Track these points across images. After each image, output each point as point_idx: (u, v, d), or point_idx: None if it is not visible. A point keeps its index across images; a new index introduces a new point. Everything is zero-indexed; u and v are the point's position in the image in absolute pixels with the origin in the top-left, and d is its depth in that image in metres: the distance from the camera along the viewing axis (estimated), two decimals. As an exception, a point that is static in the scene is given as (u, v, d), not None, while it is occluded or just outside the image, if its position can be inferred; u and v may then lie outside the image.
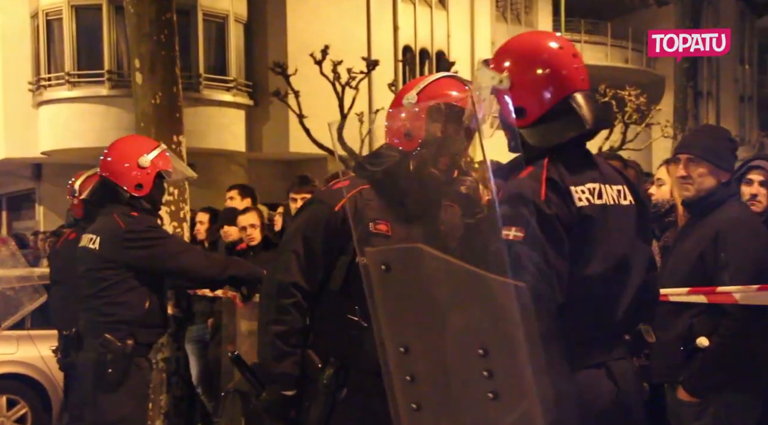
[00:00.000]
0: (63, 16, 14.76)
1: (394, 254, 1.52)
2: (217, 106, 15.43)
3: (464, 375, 1.42)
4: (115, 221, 3.45)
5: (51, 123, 14.95)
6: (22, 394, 6.06)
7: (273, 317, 2.31)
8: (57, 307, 4.83)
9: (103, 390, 3.36)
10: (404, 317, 1.48)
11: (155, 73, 6.55)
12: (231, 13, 15.61)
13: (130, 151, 3.56)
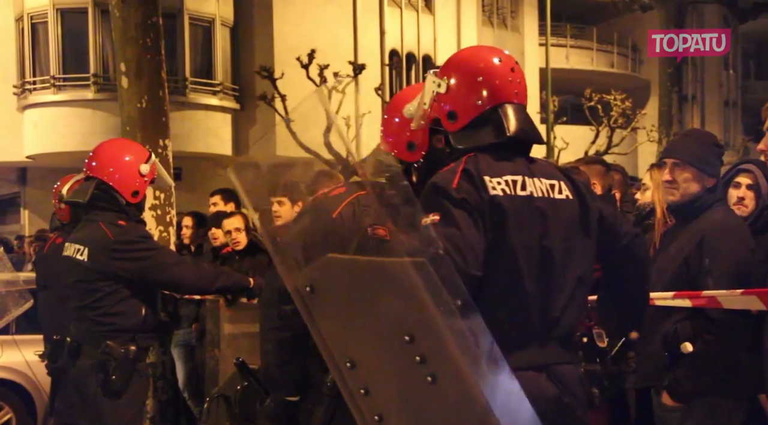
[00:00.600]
0: (48, 19, 14.69)
1: (313, 272, 1.52)
2: (204, 110, 15.40)
3: (403, 367, 1.42)
4: (102, 231, 3.40)
5: (36, 127, 14.87)
6: (7, 399, 6.01)
7: (275, 324, 2.32)
8: (45, 312, 4.80)
9: (107, 396, 3.34)
10: (341, 333, 1.48)
11: (141, 77, 6.55)
12: (217, 17, 15.60)
13: (130, 158, 3.53)
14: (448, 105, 2.04)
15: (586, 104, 18.48)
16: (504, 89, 2.05)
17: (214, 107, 15.65)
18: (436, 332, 1.38)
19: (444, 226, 1.85)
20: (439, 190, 1.93)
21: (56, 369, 4.32)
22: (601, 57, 23.98)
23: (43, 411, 5.91)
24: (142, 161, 3.54)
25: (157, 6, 6.61)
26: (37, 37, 14.92)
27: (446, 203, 1.90)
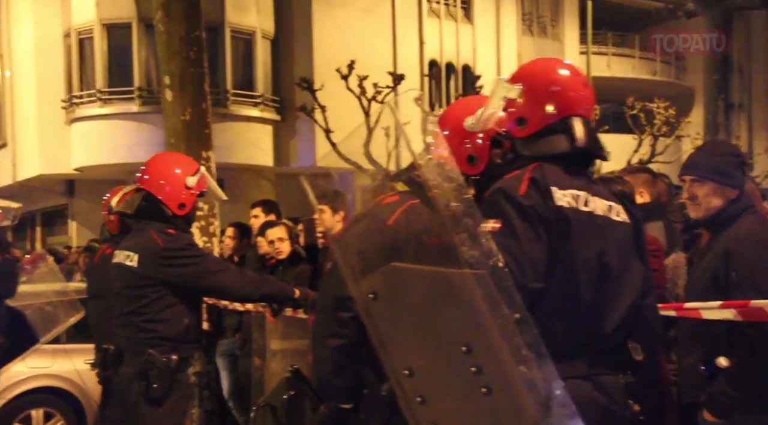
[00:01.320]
0: (94, 35, 15.04)
1: (377, 280, 1.52)
2: (245, 121, 15.58)
3: (459, 377, 1.42)
4: (152, 239, 3.47)
5: (83, 140, 15.20)
6: (58, 407, 6.13)
7: (331, 331, 2.30)
8: (95, 322, 4.90)
9: (148, 404, 3.39)
10: (400, 340, 1.48)
11: (185, 89, 6.66)
12: (258, 30, 15.79)
13: (179, 171, 3.60)
14: (519, 111, 2.07)
15: (628, 113, 18.24)
16: (576, 102, 2.08)
17: (255, 118, 15.83)
18: (493, 344, 1.38)
19: (504, 236, 1.86)
20: (505, 195, 1.93)
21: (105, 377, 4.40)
22: (643, 65, 23.67)
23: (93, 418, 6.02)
24: (189, 174, 3.61)
25: (200, 20, 6.72)
26: (84, 52, 15.28)
27: (510, 209, 1.90)
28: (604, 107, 20.31)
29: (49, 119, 15.68)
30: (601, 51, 22.43)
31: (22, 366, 5.95)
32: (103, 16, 14.94)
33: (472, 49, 18.83)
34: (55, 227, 18.75)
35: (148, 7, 13.49)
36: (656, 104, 17.97)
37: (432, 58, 18.23)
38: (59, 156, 15.45)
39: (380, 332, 1.48)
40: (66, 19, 15.48)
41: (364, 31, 16.46)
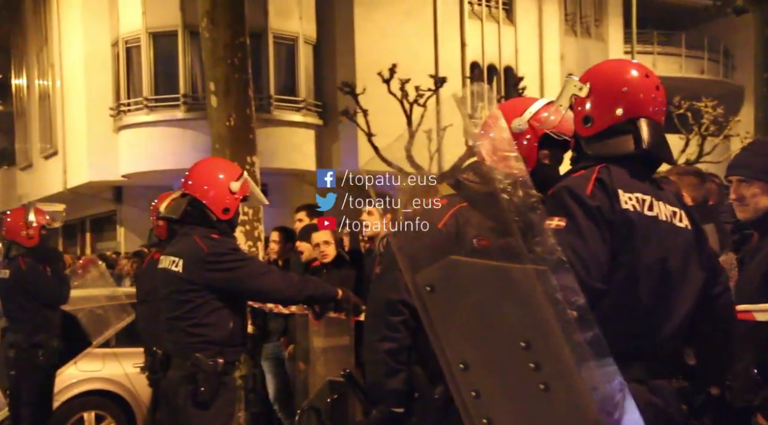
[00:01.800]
0: (141, 43, 15.33)
1: (434, 273, 1.52)
2: (288, 126, 15.70)
3: (517, 373, 1.41)
4: (196, 244, 3.51)
5: (130, 147, 15.49)
6: (109, 410, 6.24)
7: (383, 335, 2.31)
8: (145, 325, 4.98)
9: (196, 408, 3.43)
10: (456, 334, 1.48)
11: (229, 95, 6.74)
12: (300, 35, 15.91)
13: (222, 176, 3.64)
14: (586, 109, 2.08)
15: (674, 112, 17.89)
16: (646, 104, 2.08)
17: (298, 123, 15.93)
18: (553, 341, 1.37)
19: (569, 234, 1.86)
20: (571, 194, 1.94)
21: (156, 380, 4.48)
22: (690, 63, 23.21)
23: (142, 421, 6.12)
24: (233, 179, 3.65)
25: (244, 26, 6.80)
26: (131, 60, 15.58)
27: (576, 208, 1.91)
28: (650, 107, 19.96)
29: (98, 127, 16.02)
30: (647, 50, 22.04)
31: (74, 369, 6.09)
32: (150, 24, 15.21)
33: (514, 51, 18.69)
34: (104, 233, 19.14)
35: (193, 15, 13.72)
36: (704, 103, 17.60)
37: (474, 60, 18.14)
38: (107, 163, 15.76)
39: (436, 325, 1.48)
40: (114, 28, 15.80)
41: (405, 34, 16.46)
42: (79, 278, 6.87)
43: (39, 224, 5.51)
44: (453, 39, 17.64)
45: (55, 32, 18.10)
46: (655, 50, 22.68)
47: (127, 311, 6.21)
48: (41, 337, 5.37)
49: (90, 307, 6.31)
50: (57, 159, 18.03)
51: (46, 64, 18.80)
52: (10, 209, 6.10)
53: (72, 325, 5.80)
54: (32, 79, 19.89)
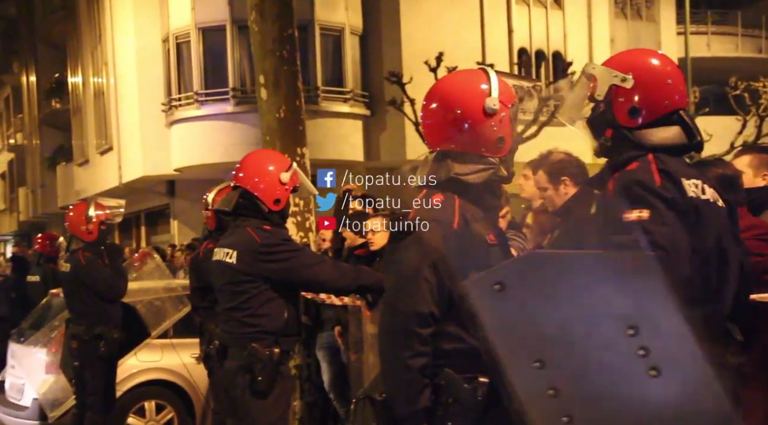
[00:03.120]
0: (191, 39, 15.54)
1: (507, 269, 1.48)
2: (335, 117, 15.75)
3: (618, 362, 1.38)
4: (249, 235, 3.55)
5: (182, 141, 15.73)
6: (168, 399, 6.38)
7: (416, 351, 2.15)
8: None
9: (254, 397, 3.48)
10: (530, 331, 1.43)
11: (279, 88, 6.76)
12: (347, 26, 15.93)
13: (272, 167, 3.67)
14: (631, 101, 2.14)
15: (731, 93, 17.39)
16: (684, 95, 2.22)
17: (345, 114, 15.97)
18: (668, 325, 1.36)
19: (655, 224, 1.92)
20: (645, 187, 2.00)
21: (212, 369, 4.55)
22: (746, 42, 22.50)
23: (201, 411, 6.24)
24: (283, 170, 3.68)
25: (292, 19, 6.81)
26: (182, 55, 15.80)
27: (654, 200, 1.97)
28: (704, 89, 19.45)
29: (151, 123, 16.31)
30: (700, 30, 21.47)
31: (134, 359, 6.24)
32: (199, 20, 15.41)
33: (563, 36, 18.39)
34: (158, 227, 19.50)
35: (241, 10, 13.84)
36: (762, 83, 17.05)
37: (521, 46, 17.91)
38: (160, 158, 16.04)
39: (504, 324, 1.44)
40: (164, 25, 16.05)
41: (451, 22, 16.34)
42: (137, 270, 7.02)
43: (98, 220, 5.64)
44: (500, 25, 17.44)
45: (108, 31, 18.48)
46: (710, 30, 22.05)
47: (183, 302, 6.33)
48: (102, 329, 5.50)
49: (148, 299, 6.44)
50: (112, 154, 18.43)
51: (100, 62, 19.21)
52: (73, 204, 6.25)
53: (131, 316, 5.93)
54: (87, 77, 20.36)
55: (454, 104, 2.29)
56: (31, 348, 6.66)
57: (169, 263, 10.23)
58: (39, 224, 26.44)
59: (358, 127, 16.22)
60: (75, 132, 21.74)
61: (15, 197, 29.40)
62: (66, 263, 5.82)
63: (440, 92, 2.38)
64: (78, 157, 21.40)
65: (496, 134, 2.26)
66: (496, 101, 2.24)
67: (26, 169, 27.59)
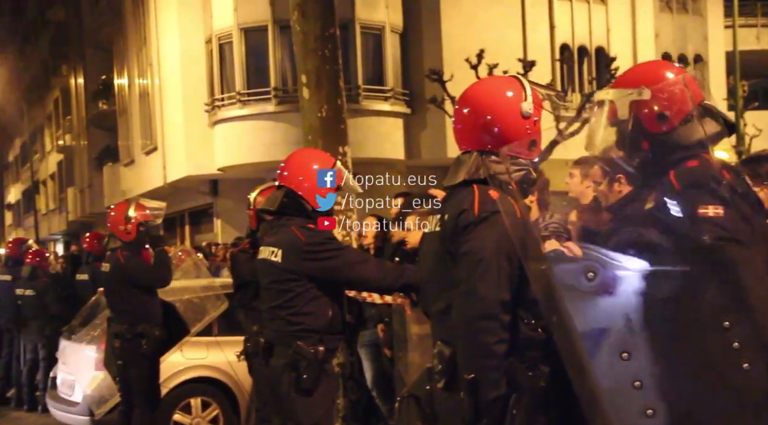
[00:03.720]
0: (233, 39, 15.71)
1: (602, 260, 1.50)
2: (376, 116, 15.77)
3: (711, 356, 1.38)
4: (294, 234, 3.58)
5: (225, 141, 15.91)
6: (214, 396, 6.45)
7: (500, 337, 2.23)
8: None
9: (299, 395, 3.50)
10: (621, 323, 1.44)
11: (321, 87, 6.78)
12: (387, 24, 15.93)
13: (316, 166, 3.69)
14: (656, 109, 2.24)
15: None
16: (699, 88, 2.31)
17: (386, 112, 15.98)
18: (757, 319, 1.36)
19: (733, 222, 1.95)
20: (718, 182, 2.05)
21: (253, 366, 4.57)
22: (797, 35, 21.93)
23: (246, 408, 6.30)
24: (327, 169, 3.68)
25: (334, 18, 6.83)
26: (224, 56, 15.98)
27: (728, 194, 2.02)
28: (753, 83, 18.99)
29: (194, 123, 16.53)
30: (749, 23, 20.97)
31: (179, 356, 6.31)
32: (241, 20, 15.57)
33: (606, 31, 18.12)
34: (201, 226, 19.76)
35: (282, 10, 13.93)
36: (814, 76, 16.61)
37: (563, 42, 17.71)
38: (204, 158, 16.24)
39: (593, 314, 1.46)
40: (207, 26, 16.25)
41: (492, 19, 16.23)
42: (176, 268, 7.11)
43: (137, 221, 5.70)
44: (541, 21, 17.27)
45: (152, 32, 18.78)
46: (759, 22, 21.52)
47: (221, 299, 6.38)
48: (143, 327, 5.55)
49: (187, 297, 6.51)
50: (157, 155, 18.73)
51: (145, 64, 19.54)
52: (115, 203, 6.34)
53: (171, 314, 6.00)
54: (133, 78, 20.72)
55: (492, 107, 2.44)
56: (81, 345, 6.80)
57: (211, 262, 10.35)
58: (87, 223, 27.00)
59: (399, 125, 16.22)
60: (121, 133, 22.15)
61: (64, 197, 30.06)
62: (106, 263, 5.90)
63: (477, 96, 2.52)
64: (124, 157, 21.80)
65: (529, 137, 2.42)
66: (531, 105, 2.41)
67: (74, 169, 28.21)
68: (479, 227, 2.31)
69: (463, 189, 2.42)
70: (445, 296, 2.40)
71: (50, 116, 32.95)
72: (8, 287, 8.93)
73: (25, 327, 8.80)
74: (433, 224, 2.55)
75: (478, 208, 2.33)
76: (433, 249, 2.50)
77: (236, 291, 5.28)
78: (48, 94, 32.76)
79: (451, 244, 2.36)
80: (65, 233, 31.53)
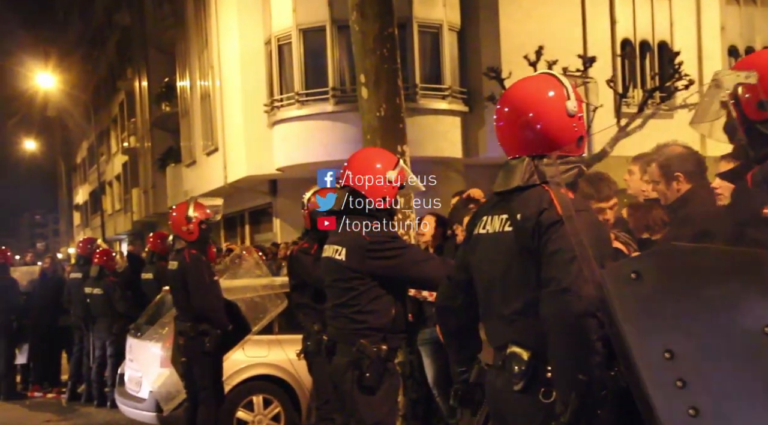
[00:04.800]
0: (292, 40, 15.87)
1: (645, 259, 1.45)
2: (433, 114, 15.71)
3: (753, 360, 1.31)
4: (358, 233, 3.60)
5: (283, 141, 16.08)
6: (275, 394, 6.52)
7: (599, 335, 2.15)
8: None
9: (363, 393, 3.52)
10: (665, 322, 1.40)
11: (379, 86, 6.81)
12: (445, 22, 15.87)
13: (379, 165, 3.71)
14: (758, 95, 2.16)
15: None
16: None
17: (444, 111, 15.91)
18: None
19: None
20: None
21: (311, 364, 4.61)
22: None
23: (306, 406, 6.35)
24: (389, 168, 3.70)
25: (392, 17, 6.84)
26: (283, 57, 16.16)
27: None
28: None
29: (254, 123, 16.76)
30: (822, 13, 20.17)
31: (242, 355, 6.40)
32: (300, 21, 15.71)
33: (669, 25, 17.67)
34: (261, 225, 20.02)
35: (340, 10, 14.01)
36: None
37: (625, 37, 17.34)
38: (263, 158, 16.43)
39: (638, 313, 1.42)
40: (267, 27, 16.45)
41: (551, 15, 16.00)
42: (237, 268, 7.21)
43: (198, 220, 5.81)
44: (602, 16, 16.94)
45: (213, 35, 19.12)
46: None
47: (281, 298, 6.45)
48: (206, 326, 5.65)
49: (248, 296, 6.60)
50: (218, 155, 19.06)
51: (207, 66, 19.90)
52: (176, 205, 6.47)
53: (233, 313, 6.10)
54: (194, 80, 21.13)
55: (538, 114, 2.44)
56: (147, 342, 6.95)
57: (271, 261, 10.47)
58: (151, 223, 27.66)
59: (457, 123, 16.13)
60: (183, 134, 22.60)
61: (129, 197, 30.87)
62: (173, 261, 6.03)
63: (519, 98, 2.52)
64: (186, 158, 22.23)
65: (577, 134, 2.42)
66: (575, 102, 2.40)
67: (139, 170, 28.94)
68: (566, 226, 2.28)
69: (532, 190, 2.41)
70: (522, 295, 2.36)
71: (115, 118, 33.87)
72: (79, 286, 9.22)
73: (94, 324, 9.07)
74: (496, 225, 2.50)
75: (560, 207, 2.32)
76: (503, 250, 2.45)
77: (292, 291, 5.33)
78: (114, 97, 33.68)
79: (533, 242, 2.32)
80: (130, 233, 32.38)
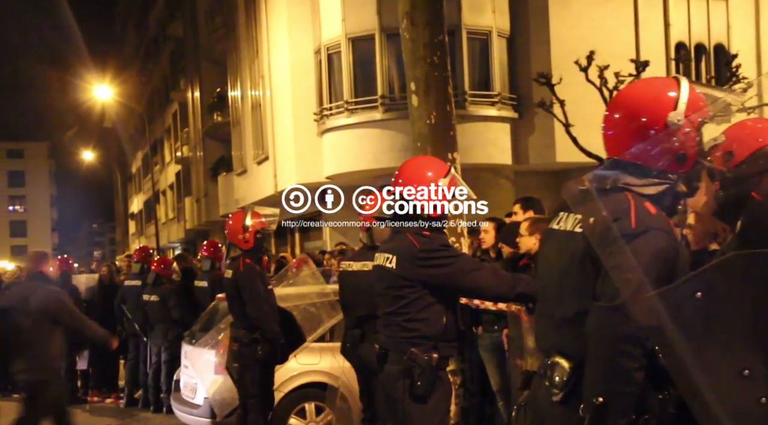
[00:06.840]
0: (341, 49, 15.99)
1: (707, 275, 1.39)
2: (483, 121, 15.63)
3: None
4: (409, 241, 3.59)
5: (333, 149, 16.19)
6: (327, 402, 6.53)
7: (641, 363, 2.08)
8: None
9: (414, 401, 3.50)
10: (738, 338, 1.33)
11: (429, 94, 6.78)
12: (494, 29, 15.79)
13: (431, 173, 3.70)
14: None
15: None
16: None
17: (493, 117, 15.82)
18: None
19: None
20: None
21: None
22: None
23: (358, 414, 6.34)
24: (440, 176, 3.68)
25: (442, 25, 6.81)
26: (333, 66, 16.28)
27: None
28: None
29: (304, 132, 16.91)
30: None
31: (294, 362, 6.42)
32: (349, 30, 15.82)
33: (726, 27, 17.26)
34: (311, 233, 20.14)
35: (389, 19, 14.06)
36: None
37: (679, 40, 17.00)
38: (313, 166, 16.57)
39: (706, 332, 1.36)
40: (316, 37, 16.61)
41: (603, 19, 15.79)
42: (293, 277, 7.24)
43: (254, 229, 5.85)
44: (655, 19, 16.65)
45: (264, 45, 19.38)
46: None
47: (336, 308, 6.46)
48: (260, 333, 5.68)
49: (304, 304, 6.62)
50: (268, 164, 19.28)
51: (257, 76, 20.18)
52: (232, 213, 6.53)
53: (288, 322, 6.12)
54: (245, 90, 21.45)
55: (634, 114, 2.25)
56: (201, 349, 7.03)
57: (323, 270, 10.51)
58: (203, 231, 28.10)
59: (506, 130, 16.03)
60: (234, 143, 22.94)
61: (182, 206, 31.43)
62: (228, 269, 6.09)
63: (623, 100, 2.35)
64: (237, 167, 22.55)
65: (676, 150, 2.19)
66: (681, 116, 2.15)
67: (191, 179, 29.45)
68: (635, 242, 2.11)
69: (613, 195, 2.22)
70: (575, 302, 2.26)
71: (169, 128, 34.56)
72: (137, 293, 9.41)
73: (152, 331, 9.24)
74: (569, 224, 2.38)
75: (635, 220, 2.15)
76: (568, 249, 2.33)
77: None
78: (167, 108, 34.39)
79: (599, 249, 2.18)
80: (183, 241, 32.94)
